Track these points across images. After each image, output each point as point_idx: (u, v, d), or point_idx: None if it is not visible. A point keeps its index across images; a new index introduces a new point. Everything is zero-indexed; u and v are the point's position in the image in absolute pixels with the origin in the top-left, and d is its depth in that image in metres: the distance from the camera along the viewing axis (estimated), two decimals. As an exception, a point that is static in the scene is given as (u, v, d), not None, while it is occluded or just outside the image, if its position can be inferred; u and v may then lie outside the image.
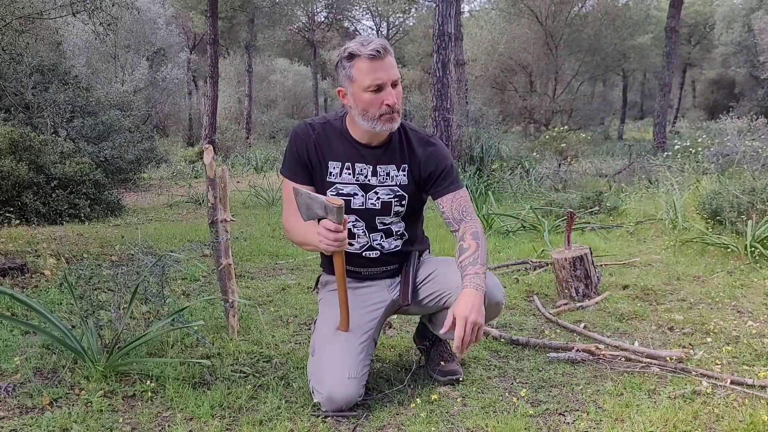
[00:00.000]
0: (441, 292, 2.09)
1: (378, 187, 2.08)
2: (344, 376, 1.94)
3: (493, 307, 2.05)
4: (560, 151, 9.94)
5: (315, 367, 2.01)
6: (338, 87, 2.04)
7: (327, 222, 1.85)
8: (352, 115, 2.03)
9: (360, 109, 1.97)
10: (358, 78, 1.93)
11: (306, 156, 2.06)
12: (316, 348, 2.05)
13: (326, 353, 2.00)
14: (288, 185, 2.06)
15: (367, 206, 2.09)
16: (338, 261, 1.93)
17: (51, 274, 3.72)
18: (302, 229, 2.00)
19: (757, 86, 26.19)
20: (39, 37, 8.29)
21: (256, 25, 22.31)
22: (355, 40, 1.99)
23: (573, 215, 3.59)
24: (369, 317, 2.11)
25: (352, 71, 1.94)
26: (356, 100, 1.97)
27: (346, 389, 1.93)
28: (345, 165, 2.07)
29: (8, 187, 5.90)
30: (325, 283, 2.26)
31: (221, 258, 2.60)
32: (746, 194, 4.79)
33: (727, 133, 10.01)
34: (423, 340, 2.37)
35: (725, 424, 1.86)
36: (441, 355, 2.30)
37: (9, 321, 2.65)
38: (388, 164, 2.09)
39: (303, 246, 2.09)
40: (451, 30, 9.35)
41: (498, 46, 21.58)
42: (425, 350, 2.36)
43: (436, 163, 2.09)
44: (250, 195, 8.09)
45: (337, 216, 1.82)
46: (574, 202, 6.36)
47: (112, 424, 1.88)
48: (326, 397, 1.94)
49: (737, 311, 3.09)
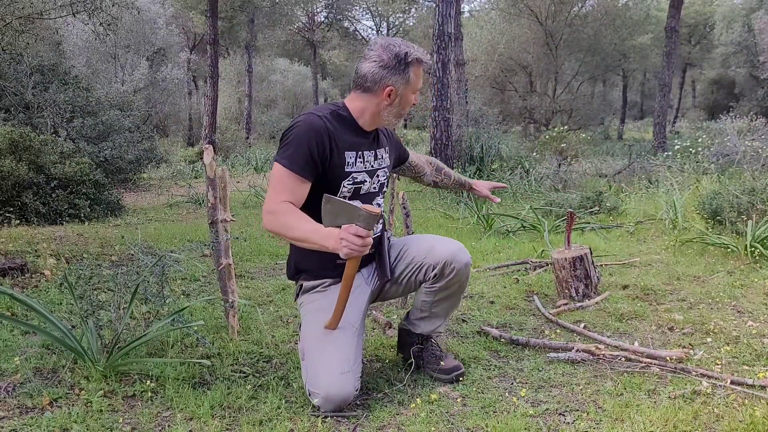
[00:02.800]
0: (414, 265, 2.21)
1: (378, 170, 2.22)
2: (338, 371, 1.95)
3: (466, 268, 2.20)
4: (560, 151, 9.93)
5: (309, 369, 2.01)
6: (386, 86, 2.08)
7: (357, 229, 1.81)
8: (380, 110, 2.12)
9: (401, 107, 2.14)
10: (414, 82, 2.12)
11: (322, 151, 2.03)
12: (306, 351, 2.04)
13: (318, 353, 2.01)
14: (285, 177, 2.00)
15: (370, 190, 2.20)
16: (353, 265, 1.92)
17: (51, 274, 3.72)
18: (307, 228, 1.93)
19: (757, 86, 26.19)
20: (39, 37, 8.29)
21: (256, 25, 22.30)
22: (403, 43, 2.10)
23: (573, 215, 3.59)
24: (355, 310, 2.12)
25: (410, 75, 2.10)
26: (403, 99, 2.12)
27: (342, 384, 1.94)
28: (357, 154, 2.13)
29: (8, 187, 5.90)
30: (309, 288, 2.22)
31: (221, 258, 2.60)
32: (746, 194, 4.79)
33: (727, 133, 10.01)
34: (409, 347, 2.35)
35: (725, 424, 1.86)
36: (435, 355, 2.30)
37: (9, 321, 2.64)
38: (379, 147, 2.24)
39: (299, 243, 2.00)
40: (451, 30, 9.35)
41: (498, 46, 21.57)
42: (417, 355, 2.33)
43: (398, 141, 2.45)
44: (250, 195, 8.09)
45: (369, 224, 1.81)
46: (574, 202, 6.36)
47: (112, 424, 1.88)
48: (323, 396, 1.94)
49: (737, 311, 3.09)
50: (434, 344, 2.34)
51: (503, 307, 3.22)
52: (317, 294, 2.18)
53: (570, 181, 8.94)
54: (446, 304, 2.27)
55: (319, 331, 2.05)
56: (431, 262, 2.17)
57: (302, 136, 2.01)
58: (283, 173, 2.01)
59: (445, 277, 2.18)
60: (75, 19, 7.17)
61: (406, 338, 2.37)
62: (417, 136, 20.84)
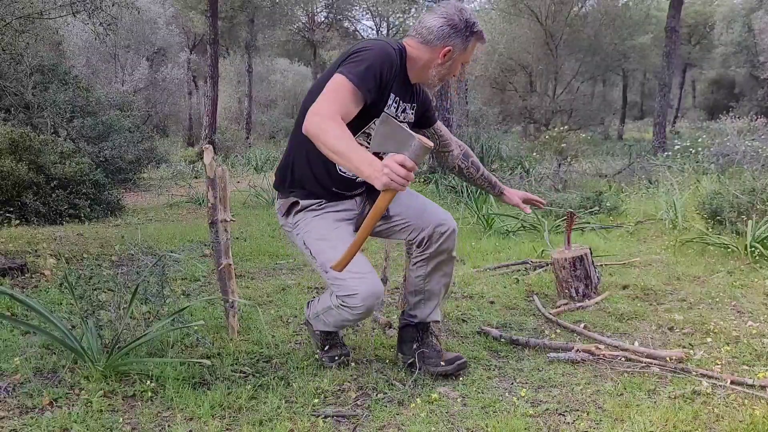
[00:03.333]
0: (405, 218, 2.28)
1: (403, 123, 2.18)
2: (363, 272, 2.06)
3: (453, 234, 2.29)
4: (560, 151, 9.92)
5: (335, 281, 2.08)
6: (446, 45, 2.12)
7: (405, 159, 1.66)
8: (431, 66, 2.16)
9: (448, 71, 2.19)
10: (469, 51, 2.18)
11: (386, 80, 2.05)
12: (328, 263, 2.03)
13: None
14: (345, 90, 1.94)
15: None
16: (388, 199, 1.75)
17: (51, 274, 3.72)
18: (350, 144, 1.77)
19: (757, 86, 26.18)
20: (39, 37, 8.28)
21: (256, 25, 22.29)
22: (473, 14, 2.16)
23: (573, 215, 3.59)
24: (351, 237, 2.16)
25: (470, 43, 2.16)
26: (453, 64, 2.17)
27: (373, 281, 2.07)
28: (395, 99, 2.17)
29: (8, 187, 5.90)
30: (305, 207, 2.23)
31: (221, 258, 2.60)
32: (746, 194, 4.79)
33: (727, 133, 10.01)
34: (410, 344, 2.36)
35: (725, 424, 1.86)
36: (435, 350, 2.32)
37: (9, 321, 2.65)
38: (411, 102, 2.27)
39: (331, 155, 1.80)
40: (451, 30, 9.34)
41: (498, 46, 21.56)
42: (418, 352, 2.32)
43: (428, 99, 2.41)
44: (250, 195, 8.09)
45: (419, 156, 1.68)
46: (574, 202, 6.36)
47: (112, 424, 1.88)
48: (361, 297, 2.03)
49: (737, 311, 3.09)
50: (433, 339, 2.35)
51: (503, 307, 3.22)
52: (313, 214, 2.23)
53: (570, 181, 8.94)
54: (439, 276, 2.32)
55: (336, 246, 2.09)
56: (422, 225, 2.25)
57: (377, 57, 2.01)
58: (346, 86, 1.95)
59: (434, 243, 2.26)
60: (75, 19, 7.16)
61: (405, 335, 2.38)
62: (417, 136, 20.76)
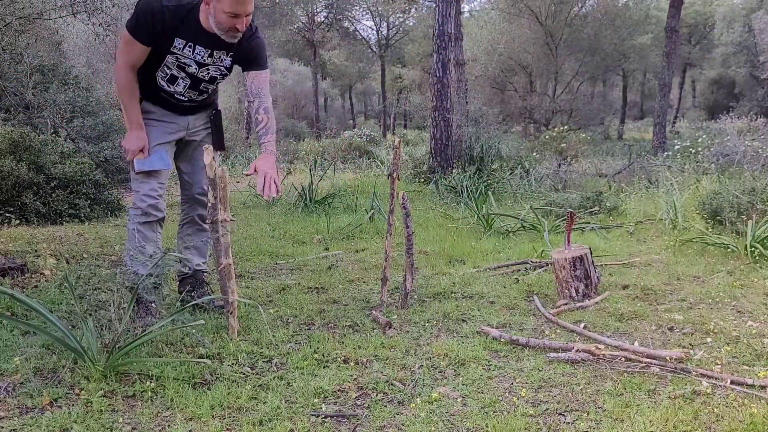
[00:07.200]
0: (192, 178, 3.07)
1: (210, 66, 2.73)
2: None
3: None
4: (560, 151, 9.94)
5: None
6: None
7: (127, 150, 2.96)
8: (205, 15, 2.56)
9: (216, 21, 2.53)
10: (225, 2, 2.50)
11: (159, 28, 2.56)
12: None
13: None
14: (127, 37, 2.60)
15: (198, 76, 2.75)
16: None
17: (51, 274, 3.72)
18: (127, 99, 2.71)
19: (757, 86, 26.21)
20: (39, 37, 8.28)
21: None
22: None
23: (573, 215, 3.59)
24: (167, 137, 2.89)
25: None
26: (217, 13, 2.50)
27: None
28: (187, 43, 2.64)
29: (8, 187, 5.90)
30: (145, 110, 2.83)
31: (221, 258, 2.60)
32: (746, 194, 4.79)
33: (727, 133, 10.01)
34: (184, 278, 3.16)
35: (725, 424, 1.86)
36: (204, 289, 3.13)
37: (9, 321, 2.65)
38: (220, 50, 2.69)
39: (120, 100, 2.74)
40: (451, 30, 9.34)
41: (498, 46, 21.58)
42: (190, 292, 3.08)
43: (254, 51, 2.74)
44: (250, 195, 8.09)
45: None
46: (574, 202, 6.36)
47: (112, 424, 1.88)
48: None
49: (737, 311, 3.09)
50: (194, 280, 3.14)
51: (503, 307, 3.22)
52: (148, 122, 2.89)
53: (570, 181, 8.95)
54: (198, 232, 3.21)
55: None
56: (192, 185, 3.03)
57: (147, 13, 2.54)
58: (126, 37, 2.61)
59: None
60: (75, 19, 7.16)
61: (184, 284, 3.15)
62: (417, 136, 20.80)
